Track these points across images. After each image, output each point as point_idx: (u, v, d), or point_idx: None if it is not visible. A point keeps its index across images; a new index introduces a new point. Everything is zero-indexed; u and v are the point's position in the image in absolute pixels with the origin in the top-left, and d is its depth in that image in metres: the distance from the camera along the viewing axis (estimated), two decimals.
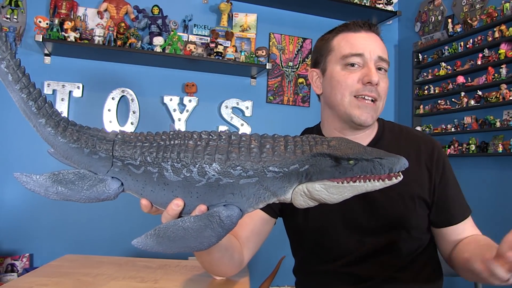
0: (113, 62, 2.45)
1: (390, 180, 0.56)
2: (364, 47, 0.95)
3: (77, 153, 0.61)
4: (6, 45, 0.58)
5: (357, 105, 0.94)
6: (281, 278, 2.25)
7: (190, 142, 0.57)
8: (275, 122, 2.75)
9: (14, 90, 0.59)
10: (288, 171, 0.56)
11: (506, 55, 2.14)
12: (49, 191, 0.60)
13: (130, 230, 2.41)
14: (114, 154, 0.59)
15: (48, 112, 0.61)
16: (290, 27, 2.87)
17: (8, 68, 0.58)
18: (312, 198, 0.58)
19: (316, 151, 0.56)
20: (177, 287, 0.91)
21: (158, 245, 0.59)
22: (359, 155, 0.55)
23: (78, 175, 0.61)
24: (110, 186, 0.61)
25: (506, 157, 2.18)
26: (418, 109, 2.77)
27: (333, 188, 0.57)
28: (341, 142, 0.57)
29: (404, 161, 0.56)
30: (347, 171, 0.56)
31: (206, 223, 0.57)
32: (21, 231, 2.25)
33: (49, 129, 0.61)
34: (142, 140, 0.59)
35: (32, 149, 2.30)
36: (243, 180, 0.56)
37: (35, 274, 0.96)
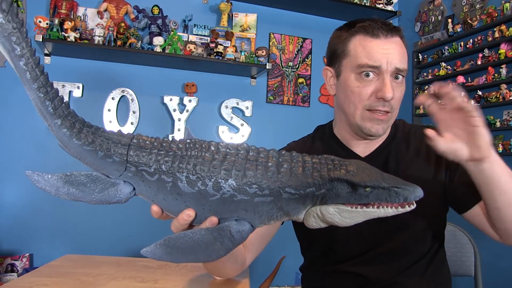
0: (113, 62, 2.45)
1: (403, 208, 0.57)
2: (381, 57, 0.89)
3: (91, 156, 0.60)
4: (26, 42, 0.56)
5: (369, 118, 0.92)
6: (281, 278, 2.25)
7: (207, 155, 0.56)
8: (275, 122, 2.75)
9: (31, 89, 0.58)
10: (304, 194, 0.56)
11: (506, 55, 2.14)
12: (60, 191, 0.60)
13: (130, 230, 2.42)
14: (129, 159, 0.58)
15: (65, 112, 0.60)
16: (290, 27, 2.87)
17: (27, 66, 0.56)
18: (324, 221, 0.59)
19: (334, 176, 0.56)
20: (177, 287, 0.91)
21: (167, 255, 0.58)
22: (376, 183, 0.56)
23: (91, 177, 0.60)
24: (122, 190, 0.60)
25: (506, 157, 2.18)
26: (418, 109, 2.77)
27: (346, 212, 0.57)
28: (359, 168, 0.57)
29: (420, 191, 0.56)
30: (362, 198, 0.56)
31: (216, 236, 0.57)
32: (21, 231, 2.25)
33: (64, 130, 0.60)
34: (158, 147, 0.58)
35: (32, 149, 2.30)
36: (257, 198, 0.56)
37: (35, 274, 0.96)
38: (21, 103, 2.29)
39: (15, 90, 2.28)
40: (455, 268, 1.29)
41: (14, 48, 0.55)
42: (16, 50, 0.55)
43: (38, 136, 2.31)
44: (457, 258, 1.30)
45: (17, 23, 0.55)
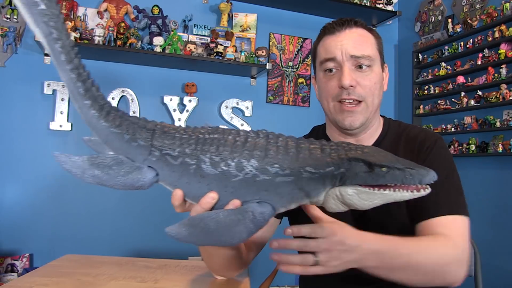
0: (113, 62, 2.45)
1: (418, 192, 0.57)
2: (335, 49, 0.94)
3: (117, 139, 0.61)
4: (63, 26, 0.58)
5: (339, 110, 0.95)
6: (281, 278, 2.25)
7: (229, 137, 0.58)
8: (275, 122, 2.75)
9: (64, 70, 0.59)
10: (323, 173, 0.57)
11: (506, 55, 2.14)
12: (85, 173, 0.60)
13: (130, 230, 2.42)
14: (153, 143, 0.60)
15: (95, 94, 0.61)
16: (290, 27, 2.87)
17: (63, 48, 0.58)
18: (343, 202, 0.59)
19: (351, 156, 0.57)
20: (177, 287, 0.91)
21: (190, 236, 0.59)
22: (392, 164, 0.57)
23: (116, 159, 0.61)
24: (146, 175, 0.61)
25: (506, 157, 2.18)
26: (418, 109, 2.78)
27: (364, 194, 0.58)
28: (375, 150, 0.59)
29: (433, 174, 0.57)
30: (379, 178, 0.57)
31: (239, 218, 0.58)
32: (21, 231, 2.25)
33: (93, 112, 0.61)
34: (181, 132, 0.60)
35: (32, 149, 2.30)
36: (279, 178, 0.57)
37: (35, 274, 0.96)
38: (21, 103, 2.29)
39: (15, 90, 2.28)
40: None
41: (51, 32, 0.57)
42: (53, 34, 0.57)
43: (38, 136, 2.31)
44: None
45: (56, 9, 0.57)
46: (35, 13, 0.56)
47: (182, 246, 2.61)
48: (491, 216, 2.22)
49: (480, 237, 1.55)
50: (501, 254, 2.14)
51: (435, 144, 0.96)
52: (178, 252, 2.26)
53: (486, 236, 2.18)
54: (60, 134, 2.34)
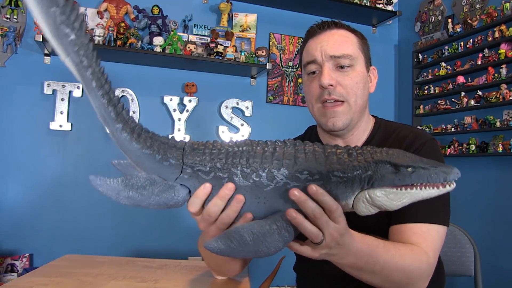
0: (113, 62, 2.45)
1: (445, 188, 0.59)
2: (315, 51, 0.95)
3: (149, 159, 0.63)
4: (93, 53, 0.60)
5: (322, 113, 0.95)
6: (281, 278, 2.25)
7: (258, 148, 0.60)
8: (275, 122, 2.75)
9: (96, 96, 0.61)
10: (351, 176, 0.59)
11: (506, 55, 2.14)
12: (120, 195, 0.62)
13: (130, 230, 2.42)
14: (184, 161, 0.61)
15: (125, 118, 0.63)
16: (290, 27, 2.87)
17: (93, 75, 0.60)
18: (373, 205, 0.61)
19: (377, 158, 0.59)
20: (177, 287, 0.91)
21: (228, 249, 0.60)
22: (417, 164, 0.59)
23: (150, 179, 0.63)
24: (179, 193, 0.62)
25: (506, 157, 2.18)
26: (418, 109, 2.78)
27: (393, 194, 0.60)
28: (399, 152, 0.61)
29: (457, 171, 0.59)
30: (406, 178, 0.59)
31: (273, 227, 0.59)
32: (21, 231, 2.25)
33: (125, 135, 0.63)
34: (210, 147, 0.62)
35: (32, 149, 2.30)
36: (309, 184, 0.58)
37: (35, 274, 0.96)
38: (21, 103, 2.29)
39: (15, 90, 2.28)
40: (455, 268, 1.30)
41: (82, 60, 0.59)
42: (84, 62, 0.59)
43: (38, 136, 2.31)
44: (457, 258, 1.30)
45: (86, 38, 0.59)
46: (66, 44, 0.58)
47: (182, 246, 2.62)
48: (491, 216, 2.22)
49: (480, 237, 1.55)
50: (501, 254, 2.14)
51: (423, 146, 0.93)
52: (178, 252, 2.27)
53: (486, 236, 2.18)
54: (60, 134, 2.34)
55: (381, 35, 3.09)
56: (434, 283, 1.01)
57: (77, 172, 2.35)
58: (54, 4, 0.55)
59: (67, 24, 0.57)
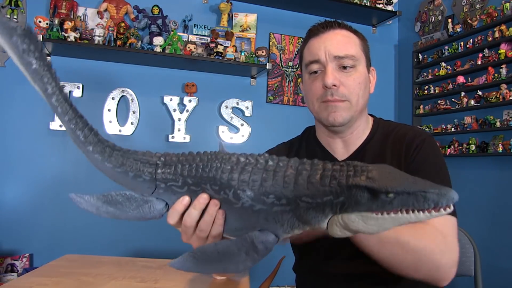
0: (113, 62, 2.45)
1: (438, 212, 0.51)
2: (319, 51, 0.95)
3: (123, 177, 0.65)
4: (56, 81, 0.63)
5: (324, 108, 0.96)
6: (281, 278, 2.25)
7: (226, 166, 0.59)
8: (275, 122, 2.75)
9: (63, 121, 0.65)
10: (321, 202, 0.54)
11: (506, 55, 2.14)
12: (100, 210, 0.65)
13: (130, 230, 2.42)
14: (157, 177, 0.62)
15: (94, 140, 0.65)
16: (290, 27, 2.87)
17: (58, 102, 0.63)
18: (347, 229, 0.56)
19: (352, 183, 0.53)
20: (177, 287, 0.91)
21: (195, 266, 0.61)
22: (400, 188, 0.51)
23: (125, 196, 0.65)
24: (155, 207, 0.64)
25: (506, 157, 2.18)
26: (418, 109, 2.78)
27: (371, 219, 0.53)
28: (382, 173, 0.53)
29: (453, 195, 0.50)
30: (385, 205, 0.52)
31: (240, 247, 0.59)
32: (21, 231, 2.25)
33: (96, 156, 0.65)
34: (182, 161, 0.62)
35: (32, 149, 2.30)
36: (276, 208, 0.56)
37: (35, 274, 0.96)
38: (21, 103, 2.29)
39: (15, 90, 2.28)
40: None
41: (46, 88, 0.62)
42: (48, 89, 0.62)
43: (38, 136, 2.31)
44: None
45: (46, 65, 0.62)
46: (31, 72, 0.61)
47: (182, 246, 2.62)
48: (491, 216, 2.22)
49: (480, 237, 1.55)
50: (501, 254, 2.14)
51: (423, 143, 0.94)
52: (178, 252, 2.26)
53: (486, 236, 2.18)
54: (60, 134, 2.34)
55: (381, 35, 3.09)
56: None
57: (77, 172, 2.35)
58: (14, 34, 0.58)
59: (28, 53, 0.60)
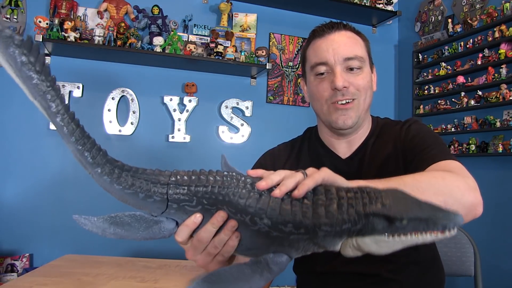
0: (113, 62, 2.45)
1: (443, 234, 0.55)
2: (327, 53, 0.95)
3: (133, 198, 0.61)
4: (61, 98, 0.58)
5: (333, 110, 0.96)
6: (281, 278, 2.25)
7: (243, 191, 0.58)
8: (275, 122, 2.75)
9: (69, 142, 0.60)
10: (340, 230, 0.56)
11: (506, 55, 2.14)
12: (106, 231, 0.62)
13: None
14: (169, 198, 0.60)
15: (103, 161, 0.61)
16: (290, 27, 2.87)
17: (63, 121, 0.59)
18: (360, 250, 0.58)
19: (369, 211, 0.55)
20: (177, 287, 0.91)
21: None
22: (413, 215, 0.54)
23: (134, 217, 0.63)
24: (166, 227, 0.62)
25: (506, 157, 2.18)
26: (418, 109, 2.77)
27: (383, 242, 0.56)
28: (395, 199, 0.56)
29: (459, 218, 0.54)
30: (399, 230, 0.55)
31: (254, 269, 0.59)
32: (21, 231, 2.25)
33: (105, 178, 0.61)
34: (195, 182, 0.59)
35: (32, 149, 2.30)
36: (293, 236, 0.57)
37: (35, 274, 0.96)
38: (21, 103, 2.29)
39: (15, 90, 2.27)
40: (455, 268, 1.30)
41: (50, 106, 0.58)
42: (52, 107, 0.58)
43: (38, 136, 2.31)
44: (457, 258, 1.30)
45: (50, 81, 0.57)
46: (30, 87, 0.56)
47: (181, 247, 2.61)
48: (491, 216, 2.21)
49: (480, 237, 1.55)
50: (501, 254, 2.14)
51: (413, 121, 1.00)
52: (178, 252, 2.26)
53: (486, 236, 2.18)
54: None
55: (381, 35, 3.09)
56: (434, 280, 1.01)
57: (77, 172, 2.35)
58: (11, 45, 0.53)
59: (28, 66, 0.54)
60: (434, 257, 1.05)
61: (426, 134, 0.95)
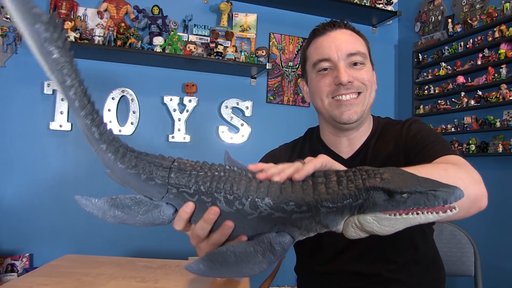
0: (113, 62, 2.45)
1: (445, 213, 0.54)
2: (330, 49, 0.96)
3: (134, 179, 0.62)
4: (76, 73, 0.60)
5: (336, 105, 0.96)
6: (281, 278, 2.25)
7: (244, 178, 0.59)
8: (275, 122, 2.75)
9: (79, 116, 0.61)
10: (341, 205, 0.56)
11: (506, 55, 2.14)
12: (106, 214, 0.63)
13: (130, 230, 2.42)
14: (170, 182, 0.60)
15: (109, 138, 0.63)
16: (290, 27, 2.87)
17: (75, 95, 0.60)
18: (363, 230, 0.58)
19: (369, 185, 0.55)
20: (177, 287, 0.91)
21: (211, 270, 0.60)
22: (413, 188, 0.54)
23: (134, 200, 0.63)
24: (165, 212, 0.62)
25: (506, 157, 2.18)
26: (418, 109, 2.78)
27: (385, 220, 0.56)
28: (394, 174, 0.56)
29: (460, 192, 0.54)
30: (400, 204, 0.55)
31: (257, 248, 0.58)
32: (21, 231, 2.25)
33: (109, 155, 0.62)
34: (197, 169, 0.60)
35: (32, 149, 2.30)
36: (296, 215, 0.56)
37: (35, 274, 0.96)
38: (21, 103, 2.29)
39: (15, 90, 2.28)
40: (455, 268, 1.30)
41: (65, 80, 0.60)
42: (67, 82, 0.60)
43: (38, 136, 2.31)
44: (457, 258, 1.30)
45: (68, 57, 0.59)
46: (50, 62, 0.59)
47: (182, 246, 2.61)
48: (491, 216, 2.22)
49: (480, 237, 1.55)
50: (501, 254, 2.14)
51: (414, 120, 1.01)
52: (178, 252, 2.27)
53: (486, 236, 2.18)
54: (60, 134, 2.34)
55: (381, 35, 3.09)
56: (435, 279, 1.01)
57: (77, 172, 2.35)
58: (38, 21, 0.55)
59: (50, 41, 0.57)
60: (435, 257, 1.05)
61: (427, 132, 0.96)
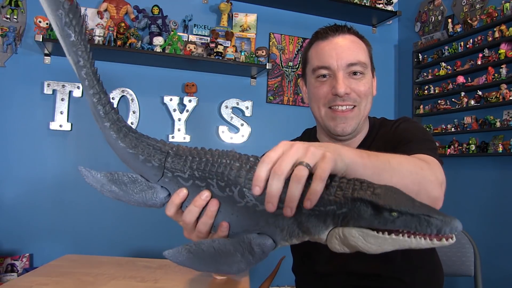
0: (113, 62, 2.45)
1: (440, 241, 0.50)
2: (330, 57, 0.94)
3: (133, 159, 0.66)
4: (89, 55, 0.65)
5: (331, 117, 0.96)
6: (281, 278, 2.25)
7: (236, 164, 0.59)
8: (275, 122, 2.74)
9: (88, 94, 0.66)
10: (324, 211, 0.54)
11: (506, 55, 2.14)
12: (104, 188, 0.66)
13: (130, 230, 2.42)
14: (166, 165, 0.63)
15: (114, 117, 0.67)
16: (290, 27, 2.87)
17: (86, 75, 0.65)
18: (346, 244, 0.54)
19: (357, 196, 0.52)
20: (177, 287, 0.91)
21: (188, 261, 0.60)
22: (404, 209, 0.50)
23: (132, 178, 0.66)
24: (158, 195, 0.65)
25: (506, 157, 2.18)
26: (418, 109, 2.77)
27: (372, 238, 0.53)
28: (388, 192, 0.53)
29: (458, 224, 0.50)
30: (387, 223, 0.51)
31: (237, 247, 0.58)
32: (21, 231, 2.25)
33: (112, 133, 0.66)
34: (193, 154, 0.62)
35: (32, 149, 2.30)
36: (278, 211, 0.55)
37: (35, 274, 0.96)
38: (21, 103, 2.29)
39: (15, 90, 2.28)
40: (455, 268, 1.30)
41: (79, 60, 0.65)
42: (80, 62, 0.65)
43: (38, 136, 2.31)
44: (457, 258, 1.30)
45: (83, 40, 0.65)
46: (68, 44, 0.64)
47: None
48: (491, 216, 2.22)
49: (480, 237, 1.55)
50: (501, 254, 2.14)
51: (403, 120, 1.01)
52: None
53: (486, 236, 2.18)
54: (60, 134, 2.34)
55: (381, 35, 3.09)
56: (433, 279, 1.01)
57: (77, 172, 2.33)
58: (60, 7, 0.62)
59: (69, 25, 0.63)
60: (433, 256, 1.05)
61: (413, 130, 0.95)
